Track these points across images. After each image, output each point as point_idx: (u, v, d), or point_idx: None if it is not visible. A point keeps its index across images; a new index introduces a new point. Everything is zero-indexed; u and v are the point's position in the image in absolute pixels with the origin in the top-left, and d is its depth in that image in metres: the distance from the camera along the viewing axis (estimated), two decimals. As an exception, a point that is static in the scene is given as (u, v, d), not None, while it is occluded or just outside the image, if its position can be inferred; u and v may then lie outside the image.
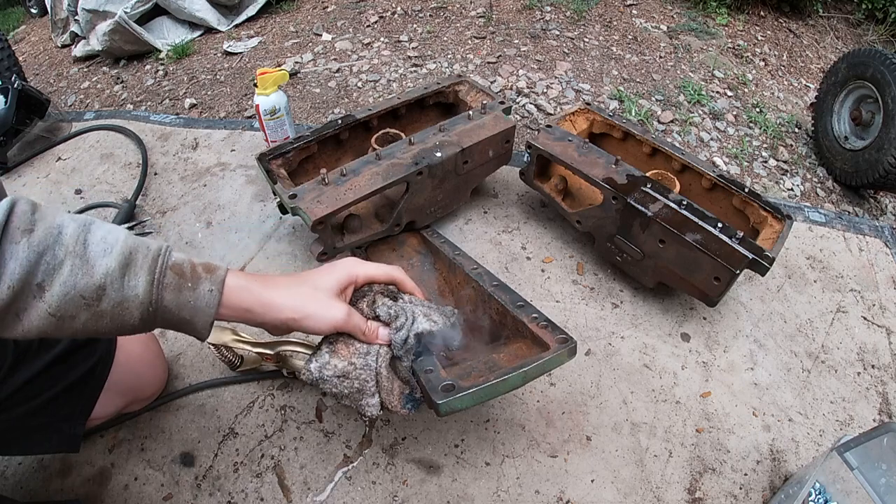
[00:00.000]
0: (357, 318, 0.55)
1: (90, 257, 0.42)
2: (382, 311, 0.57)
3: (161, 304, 0.45)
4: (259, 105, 1.13)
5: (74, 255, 0.41)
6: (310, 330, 0.53)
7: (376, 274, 0.60)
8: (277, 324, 0.52)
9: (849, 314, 0.97)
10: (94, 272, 0.41)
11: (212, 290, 0.47)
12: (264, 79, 1.11)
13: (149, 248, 0.45)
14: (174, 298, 0.45)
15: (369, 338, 0.57)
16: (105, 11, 1.96)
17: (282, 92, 1.15)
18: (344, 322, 0.54)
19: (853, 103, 1.58)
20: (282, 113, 1.16)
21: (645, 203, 0.84)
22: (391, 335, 0.57)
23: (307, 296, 0.52)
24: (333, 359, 0.55)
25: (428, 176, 0.92)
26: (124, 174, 1.30)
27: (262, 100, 1.13)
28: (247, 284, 0.50)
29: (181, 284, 0.46)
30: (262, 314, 0.50)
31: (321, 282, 0.54)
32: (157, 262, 0.45)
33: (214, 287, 0.47)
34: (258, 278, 0.51)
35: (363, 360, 0.56)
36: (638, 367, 0.87)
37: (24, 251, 0.39)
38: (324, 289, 0.54)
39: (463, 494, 0.73)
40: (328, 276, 0.55)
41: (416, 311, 0.58)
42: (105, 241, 0.43)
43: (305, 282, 0.54)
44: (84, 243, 0.42)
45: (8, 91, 1.37)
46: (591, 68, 1.77)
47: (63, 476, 0.77)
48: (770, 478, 0.76)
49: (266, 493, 0.74)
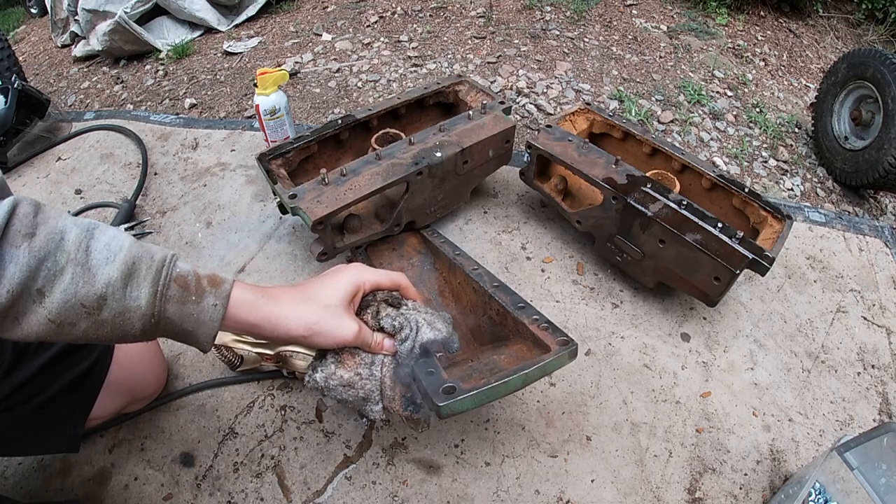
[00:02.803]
0: (366, 333, 0.55)
1: (92, 265, 0.41)
2: (387, 323, 0.58)
3: (163, 316, 0.44)
4: (259, 105, 1.13)
5: (76, 263, 0.40)
6: (319, 346, 0.53)
7: (382, 281, 0.59)
8: (286, 340, 0.51)
9: (849, 314, 0.97)
10: (95, 281, 0.41)
11: (216, 304, 0.46)
12: (264, 79, 1.11)
13: (153, 259, 0.44)
14: (177, 311, 0.44)
15: (375, 350, 0.56)
16: (105, 11, 1.96)
17: (282, 92, 1.15)
18: (354, 338, 0.53)
19: (853, 103, 1.58)
20: (282, 113, 1.16)
21: (645, 203, 0.84)
22: (397, 346, 0.57)
23: (318, 313, 0.51)
24: (339, 370, 0.56)
25: (428, 176, 0.92)
26: (124, 174, 1.30)
27: (262, 100, 1.13)
28: (254, 300, 0.48)
29: (185, 297, 0.45)
30: (270, 330, 0.49)
31: (331, 296, 0.53)
32: (160, 274, 0.44)
33: (219, 302, 0.46)
34: (265, 292, 0.50)
35: (368, 370, 0.56)
36: (638, 367, 0.87)
37: (25, 256, 0.38)
38: (334, 305, 0.52)
39: (463, 494, 0.73)
40: (337, 289, 0.54)
41: (419, 319, 0.58)
42: (108, 249, 0.42)
43: (314, 296, 0.52)
44: (86, 250, 0.41)
45: (8, 91, 1.37)
46: (591, 68, 1.78)
47: (63, 476, 0.77)
48: (770, 478, 0.76)
49: (266, 493, 0.74)
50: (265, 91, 1.12)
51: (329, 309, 0.52)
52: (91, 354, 0.68)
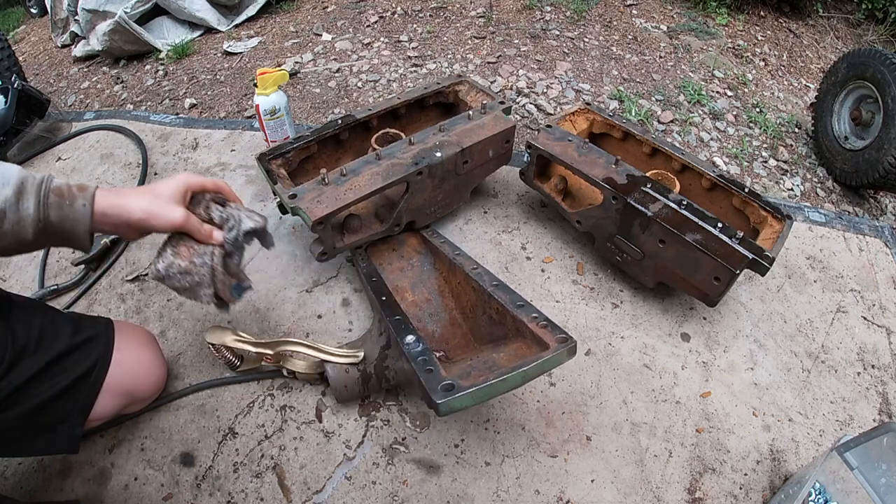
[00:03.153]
0: (194, 220, 0.66)
1: None
2: (216, 215, 0.69)
3: (48, 221, 0.56)
4: (259, 105, 1.13)
5: None
6: (157, 228, 0.63)
7: (207, 184, 0.70)
8: (132, 223, 0.62)
9: (849, 314, 0.97)
10: None
11: (84, 204, 0.58)
12: (264, 79, 1.11)
13: (35, 178, 0.56)
14: (57, 214, 0.57)
15: (205, 237, 0.67)
16: (105, 11, 1.96)
17: (282, 92, 1.15)
18: (183, 222, 0.64)
19: (853, 103, 1.58)
20: (282, 113, 1.16)
21: (645, 203, 0.84)
22: (224, 235, 0.68)
23: (153, 201, 0.63)
24: (177, 259, 0.65)
25: (428, 176, 0.92)
26: (124, 174, 1.30)
27: (262, 100, 1.13)
28: (107, 195, 0.61)
29: (61, 203, 0.57)
30: (118, 216, 0.61)
31: (163, 189, 0.65)
32: (41, 188, 0.56)
33: (87, 202, 0.58)
34: (119, 191, 0.62)
35: (201, 259, 0.66)
36: (638, 367, 0.87)
37: None
38: (166, 195, 0.64)
39: (463, 494, 0.73)
40: (169, 184, 0.65)
41: (241, 214, 0.70)
42: (3, 177, 0.54)
43: (152, 190, 0.64)
44: None
45: (8, 91, 1.37)
46: (591, 68, 1.78)
47: (63, 476, 0.77)
48: (770, 478, 0.76)
49: (266, 493, 0.74)
50: (265, 91, 1.12)
51: (162, 197, 0.64)
52: (90, 356, 0.69)
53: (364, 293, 0.97)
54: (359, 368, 0.77)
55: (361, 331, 0.92)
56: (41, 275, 1.07)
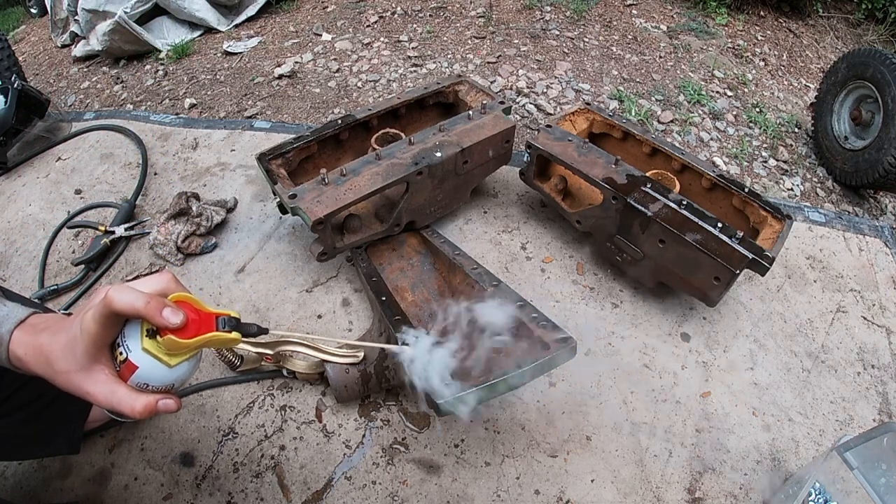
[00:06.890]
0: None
1: None
2: (194, 208, 0.80)
3: None
4: (139, 366, 0.46)
5: None
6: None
7: (138, 306, 0.45)
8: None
9: (849, 314, 0.97)
10: None
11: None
12: (179, 342, 0.46)
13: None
14: None
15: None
16: (105, 11, 1.96)
17: (196, 359, 0.49)
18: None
19: (853, 103, 1.58)
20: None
21: (645, 203, 0.84)
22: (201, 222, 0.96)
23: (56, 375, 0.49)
24: None
25: (428, 176, 0.92)
26: (124, 174, 1.30)
27: (156, 367, 0.46)
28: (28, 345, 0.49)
29: None
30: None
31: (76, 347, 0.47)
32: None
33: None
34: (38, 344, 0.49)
35: None
36: (638, 367, 0.87)
37: None
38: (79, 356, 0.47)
39: (463, 494, 0.73)
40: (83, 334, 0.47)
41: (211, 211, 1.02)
42: None
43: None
44: None
45: (8, 91, 1.37)
46: (591, 68, 1.78)
47: (63, 477, 0.77)
48: (770, 478, 0.76)
49: (266, 492, 0.74)
50: (171, 359, 0.47)
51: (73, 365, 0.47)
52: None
53: (364, 293, 0.97)
54: (359, 368, 0.77)
55: (361, 331, 0.92)
56: (41, 275, 1.07)
